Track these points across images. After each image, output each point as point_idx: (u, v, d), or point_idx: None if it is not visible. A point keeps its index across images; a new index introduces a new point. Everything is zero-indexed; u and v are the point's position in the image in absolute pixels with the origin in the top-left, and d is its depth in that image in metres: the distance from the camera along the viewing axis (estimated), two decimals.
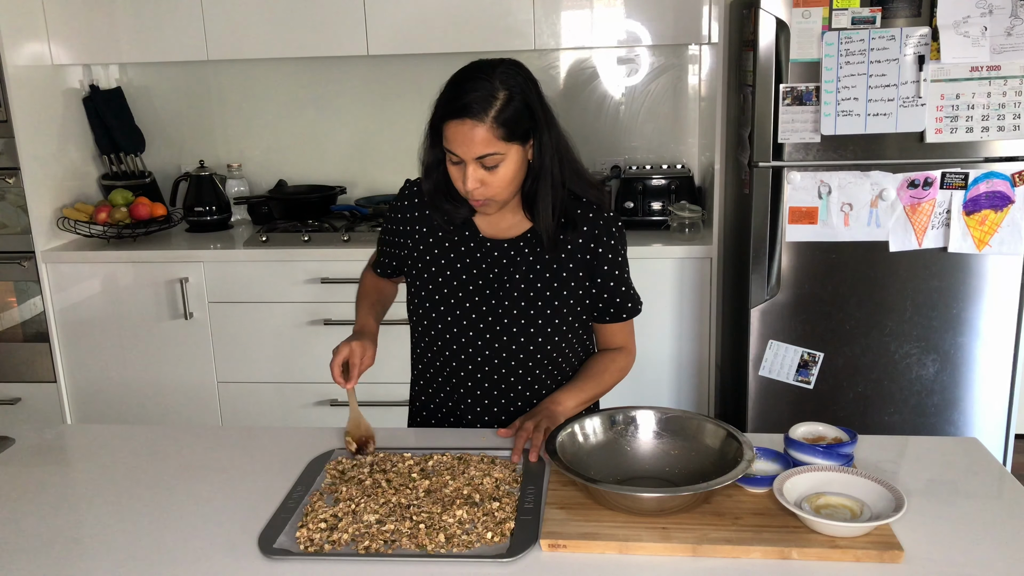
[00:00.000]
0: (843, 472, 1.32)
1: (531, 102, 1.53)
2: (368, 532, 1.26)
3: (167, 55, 3.09)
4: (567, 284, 1.64)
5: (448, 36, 2.92)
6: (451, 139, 1.50)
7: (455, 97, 1.49)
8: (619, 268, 1.67)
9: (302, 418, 3.06)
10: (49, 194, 3.08)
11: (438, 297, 1.66)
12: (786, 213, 2.54)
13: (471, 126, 1.47)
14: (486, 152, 1.49)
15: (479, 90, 1.48)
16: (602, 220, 1.64)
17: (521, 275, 1.64)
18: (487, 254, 1.65)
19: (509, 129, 1.50)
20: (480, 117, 1.47)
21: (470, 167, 1.51)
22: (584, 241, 1.63)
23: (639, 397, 2.93)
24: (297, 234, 3.08)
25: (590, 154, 3.32)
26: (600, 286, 1.66)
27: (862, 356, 2.63)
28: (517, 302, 1.63)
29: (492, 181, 1.53)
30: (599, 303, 1.68)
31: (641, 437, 1.47)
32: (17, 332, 3.14)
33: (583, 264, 1.64)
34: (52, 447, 1.70)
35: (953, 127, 2.43)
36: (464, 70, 1.54)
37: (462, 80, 1.51)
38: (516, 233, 1.66)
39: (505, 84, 1.50)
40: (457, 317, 1.65)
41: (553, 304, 1.64)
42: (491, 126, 1.48)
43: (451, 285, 1.65)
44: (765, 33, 2.43)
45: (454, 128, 1.49)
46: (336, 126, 3.43)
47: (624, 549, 1.22)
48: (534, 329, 1.64)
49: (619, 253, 1.66)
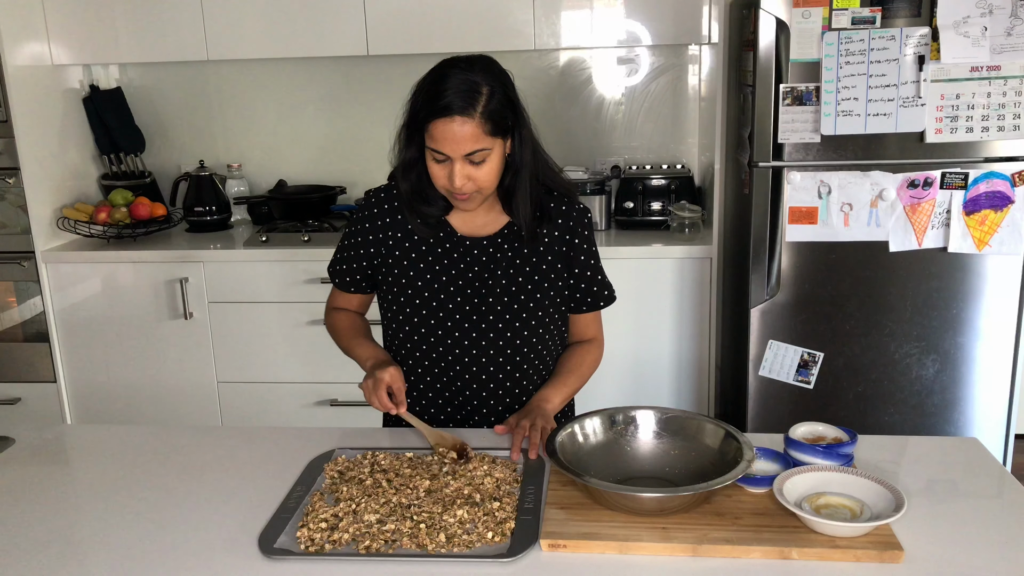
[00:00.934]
0: (843, 472, 1.32)
1: (512, 96, 1.53)
2: (369, 532, 1.26)
3: (167, 55, 3.09)
4: (547, 276, 1.66)
5: (448, 36, 2.92)
6: (439, 138, 1.48)
7: (438, 95, 1.47)
8: (594, 257, 1.71)
9: (302, 418, 3.06)
10: (49, 194, 3.08)
11: (419, 301, 1.64)
12: (786, 213, 2.54)
13: (460, 123, 1.46)
14: (475, 148, 1.48)
15: (463, 86, 1.46)
16: (575, 211, 1.67)
17: (502, 271, 1.64)
18: (466, 253, 1.65)
19: (495, 123, 1.49)
20: (468, 113, 1.46)
21: (457, 164, 1.50)
22: (560, 233, 1.66)
23: (639, 397, 2.94)
24: (297, 234, 3.09)
25: (590, 154, 3.33)
26: (577, 276, 1.69)
27: (862, 356, 2.63)
28: (500, 298, 1.63)
29: (478, 176, 1.52)
30: (577, 293, 1.71)
31: (641, 437, 1.47)
32: (17, 332, 3.14)
33: (561, 255, 1.66)
34: (52, 447, 1.70)
35: (953, 127, 2.43)
36: (440, 68, 1.51)
37: (442, 78, 1.48)
38: (492, 230, 1.66)
39: (487, 79, 1.49)
40: (441, 319, 1.64)
41: (535, 297, 1.65)
42: (479, 121, 1.47)
43: (432, 288, 1.64)
44: (765, 33, 2.43)
45: (442, 127, 1.47)
46: (336, 126, 3.43)
47: (624, 549, 1.22)
48: (519, 323, 1.64)
49: (593, 243, 1.70)
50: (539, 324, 1.66)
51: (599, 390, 1.93)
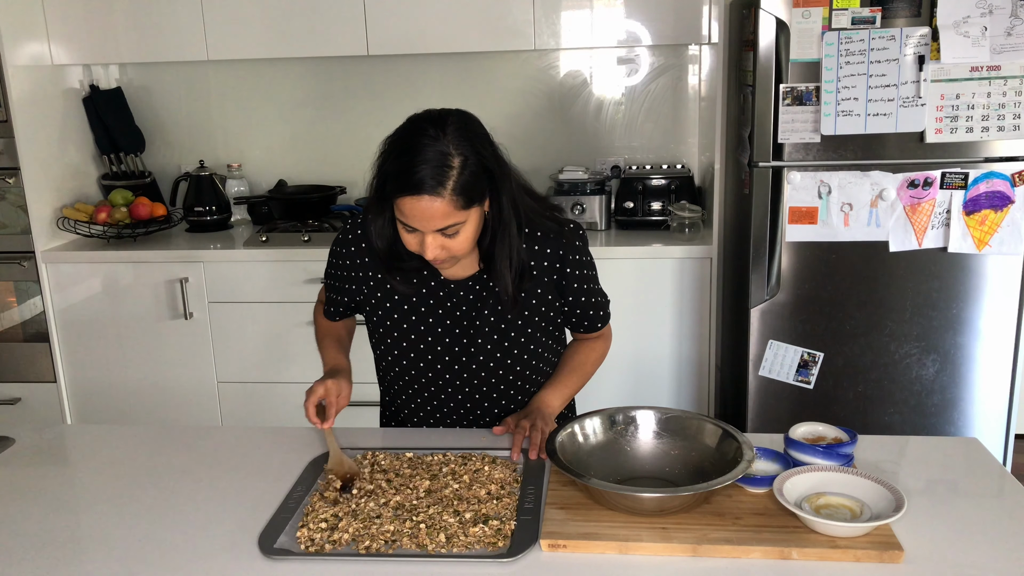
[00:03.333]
0: (843, 472, 1.32)
1: (487, 162, 1.43)
2: (369, 532, 1.26)
3: (167, 55, 3.09)
4: (537, 310, 1.62)
5: (448, 36, 2.92)
6: (408, 214, 1.40)
7: (406, 171, 1.38)
8: (588, 281, 1.64)
9: (302, 418, 3.04)
10: (49, 194, 3.08)
11: (406, 344, 1.62)
12: (786, 213, 2.54)
13: (429, 201, 1.37)
14: (446, 224, 1.41)
15: (434, 160, 1.37)
16: (564, 239, 1.59)
17: (490, 309, 1.60)
18: (451, 294, 1.60)
19: (467, 197, 1.40)
20: (437, 192, 1.37)
21: (429, 237, 1.42)
22: (549, 264, 1.59)
23: (639, 397, 2.94)
24: (297, 234, 3.08)
25: (590, 154, 3.33)
26: (571, 302, 1.65)
27: (862, 356, 2.63)
28: (490, 336, 1.61)
29: (453, 245, 1.45)
30: (571, 317, 1.68)
31: (641, 437, 1.47)
32: (17, 332, 3.14)
33: (551, 285, 1.62)
34: (52, 447, 1.70)
35: (953, 127, 2.43)
36: (409, 131, 1.42)
37: (410, 149, 1.39)
38: (476, 269, 1.59)
39: (458, 148, 1.39)
40: (428, 357, 1.63)
41: (526, 331, 1.62)
42: (450, 198, 1.38)
43: (418, 330, 1.61)
44: (765, 33, 2.43)
45: (410, 204, 1.38)
46: (336, 126, 3.42)
47: (624, 549, 1.22)
48: (511, 358, 1.63)
49: (584, 266, 1.63)
50: (530, 355, 1.65)
51: (599, 390, 1.93)
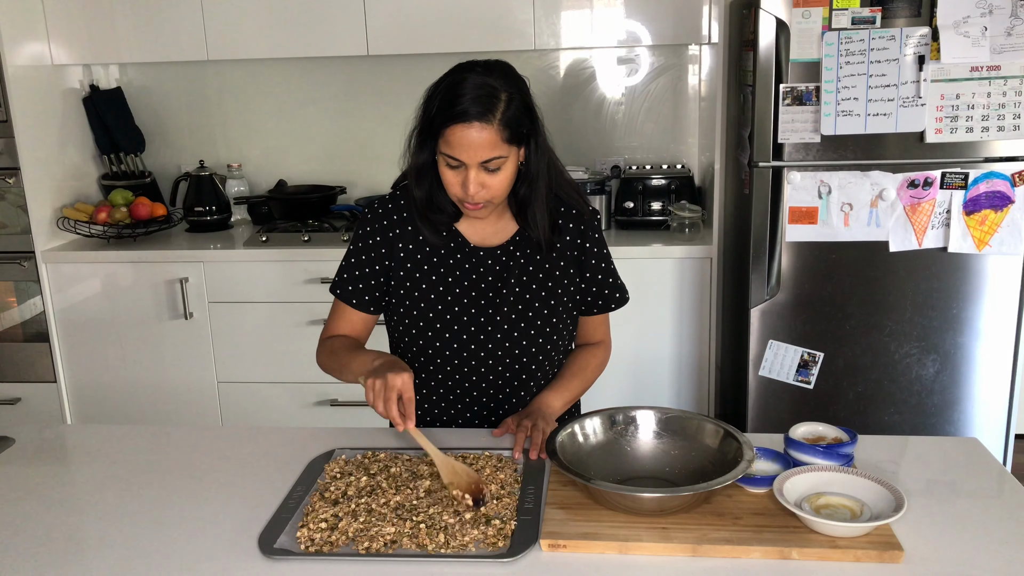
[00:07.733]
0: (843, 472, 1.32)
1: (529, 103, 1.50)
2: (369, 532, 1.26)
3: (167, 55, 3.09)
4: (560, 283, 1.65)
5: (448, 36, 2.92)
6: (455, 144, 1.44)
7: (455, 100, 1.43)
8: (605, 260, 1.70)
9: (302, 418, 3.06)
10: (49, 194, 3.08)
11: (430, 311, 1.62)
12: (786, 213, 2.54)
13: (479, 129, 1.43)
14: (491, 155, 1.45)
15: (482, 91, 1.43)
16: (585, 217, 1.67)
17: (516, 280, 1.63)
18: (479, 263, 1.63)
19: (512, 131, 1.46)
20: (487, 119, 1.42)
21: (472, 171, 1.46)
22: (571, 238, 1.66)
23: (639, 397, 2.94)
24: (297, 234, 3.09)
25: (590, 154, 3.33)
26: (589, 280, 1.69)
27: (862, 356, 2.63)
28: (515, 306, 1.63)
29: (492, 184, 1.49)
30: (588, 296, 1.71)
31: (641, 437, 1.47)
32: (17, 332, 3.14)
33: (572, 261, 1.66)
34: (52, 447, 1.70)
35: (953, 127, 2.43)
36: (457, 72, 1.47)
37: (460, 82, 1.44)
38: (503, 239, 1.64)
39: (505, 84, 1.46)
40: (452, 328, 1.63)
41: (549, 303, 1.64)
42: (498, 128, 1.43)
43: (445, 300, 1.62)
44: (765, 33, 2.43)
45: (459, 133, 1.43)
46: (336, 126, 3.43)
47: (624, 549, 1.22)
48: (532, 331, 1.63)
49: (604, 244, 1.71)
50: (551, 330, 1.65)
51: (599, 390, 1.93)
